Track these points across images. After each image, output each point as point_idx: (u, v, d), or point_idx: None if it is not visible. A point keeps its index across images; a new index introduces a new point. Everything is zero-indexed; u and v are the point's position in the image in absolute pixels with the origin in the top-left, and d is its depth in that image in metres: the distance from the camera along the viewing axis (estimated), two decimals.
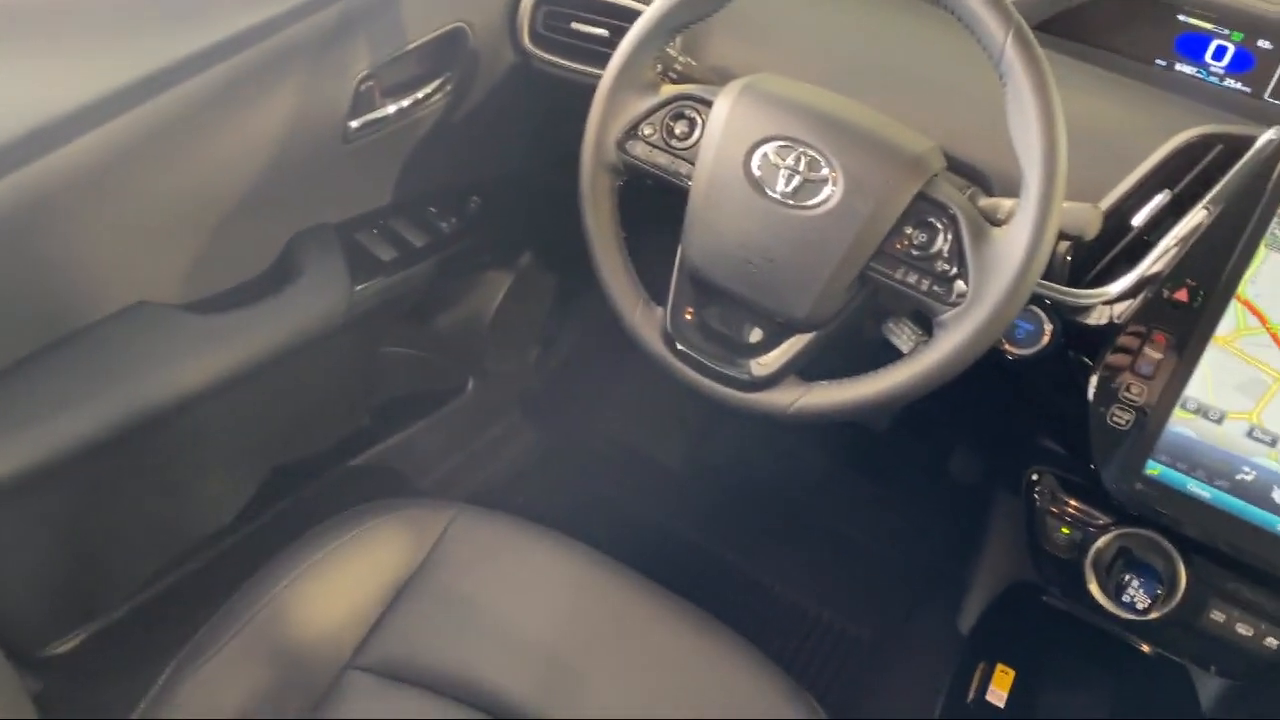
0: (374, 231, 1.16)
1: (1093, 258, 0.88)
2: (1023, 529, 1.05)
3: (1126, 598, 0.92)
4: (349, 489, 1.34)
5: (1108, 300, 0.86)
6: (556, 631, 0.93)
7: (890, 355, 0.81)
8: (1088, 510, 0.97)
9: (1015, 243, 0.73)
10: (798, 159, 0.79)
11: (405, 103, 1.06)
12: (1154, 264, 0.84)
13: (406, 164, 1.14)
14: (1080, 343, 0.89)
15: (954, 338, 0.76)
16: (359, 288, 1.10)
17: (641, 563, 0.99)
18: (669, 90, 0.88)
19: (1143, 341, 0.85)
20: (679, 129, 0.87)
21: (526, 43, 1.12)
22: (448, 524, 0.99)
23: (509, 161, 1.31)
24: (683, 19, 0.85)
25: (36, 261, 0.83)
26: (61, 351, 0.88)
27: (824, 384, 0.82)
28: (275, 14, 0.90)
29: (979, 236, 0.76)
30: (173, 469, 1.06)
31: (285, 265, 1.05)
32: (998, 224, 0.76)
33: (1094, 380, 0.87)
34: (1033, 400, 1.09)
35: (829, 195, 0.78)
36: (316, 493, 1.30)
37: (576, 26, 1.10)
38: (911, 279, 0.78)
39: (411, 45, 1.02)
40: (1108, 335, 0.86)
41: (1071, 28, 1.01)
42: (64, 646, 1.06)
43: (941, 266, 0.77)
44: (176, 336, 0.95)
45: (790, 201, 0.79)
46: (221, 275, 1.02)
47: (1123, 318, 0.86)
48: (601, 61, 0.90)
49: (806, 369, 0.84)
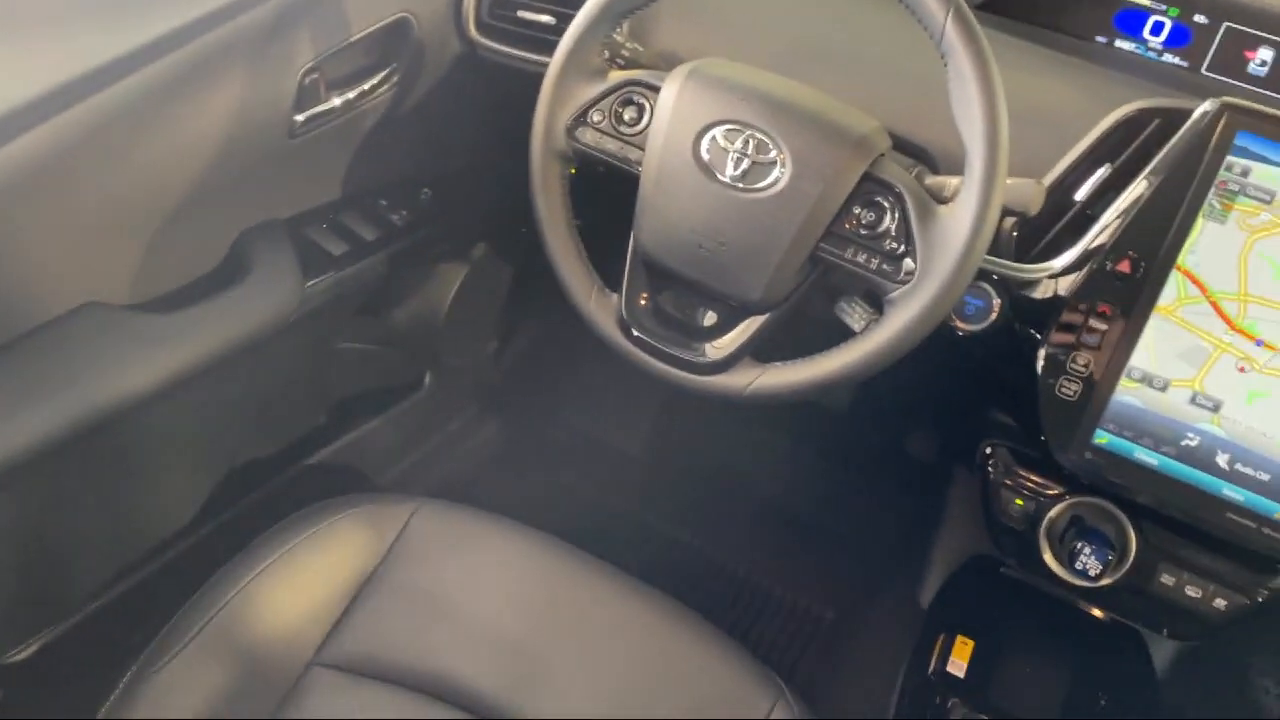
0: (324, 226, 1.16)
1: (1038, 233, 0.90)
2: (979, 503, 1.07)
3: (1079, 565, 0.94)
4: (307, 488, 1.33)
5: (1053, 274, 0.88)
6: (521, 622, 0.93)
7: (845, 335, 0.82)
8: (1040, 481, 0.99)
9: (960, 220, 0.74)
10: (746, 142, 0.79)
11: (351, 95, 1.05)
12: (1097, 237, 0.86)
13: (355, 157, 1.13)
14: (1028, 317, 0.90)
15: (904, 315, 0.77)
16: (310, 283, 1.09)
17: (606, 550, 0.99)
18: (617, 76, 0.88)
19: (1088, 314, 0.86)
20: (628, 115, 0.87)
21: (473, 32, 1.11)
22: (409, 518, 0.98)
23: (459, 152, 1.30)
24: (629, 4, 0.85)
25: None
26: (8, 356, 0.86)
27: (779, 365, 0.83)
28: (215, 8, 0.89)
29: (925, 215, 0.76)
30: (127, 472, 1.04)
31: (235, 262, 1.04)
32: (944, 202, 0.77)
33: (1042, 353, 0.89)
34: (984, 375, 1.11)
35: (778, 178, 0.78)
36: (274, 492, 1.29)
37: (523, 14, 1.09)
38: (861, 258, 0.79)
39: (355, 37, 1.01)
40: (1054, 308, 0.88)
41: (1012, 7, 1.02)
42: (22, 654, 1.04)
43: (890, 245, 0.78)
44: (125, 337, 0.94)
45: (740, 185, 0.80)
46: (170, 274, 1.00)
47: (1068, 291, 0.87)
48: (549, 49, 0.90)
49: (762, 351, 0.85)
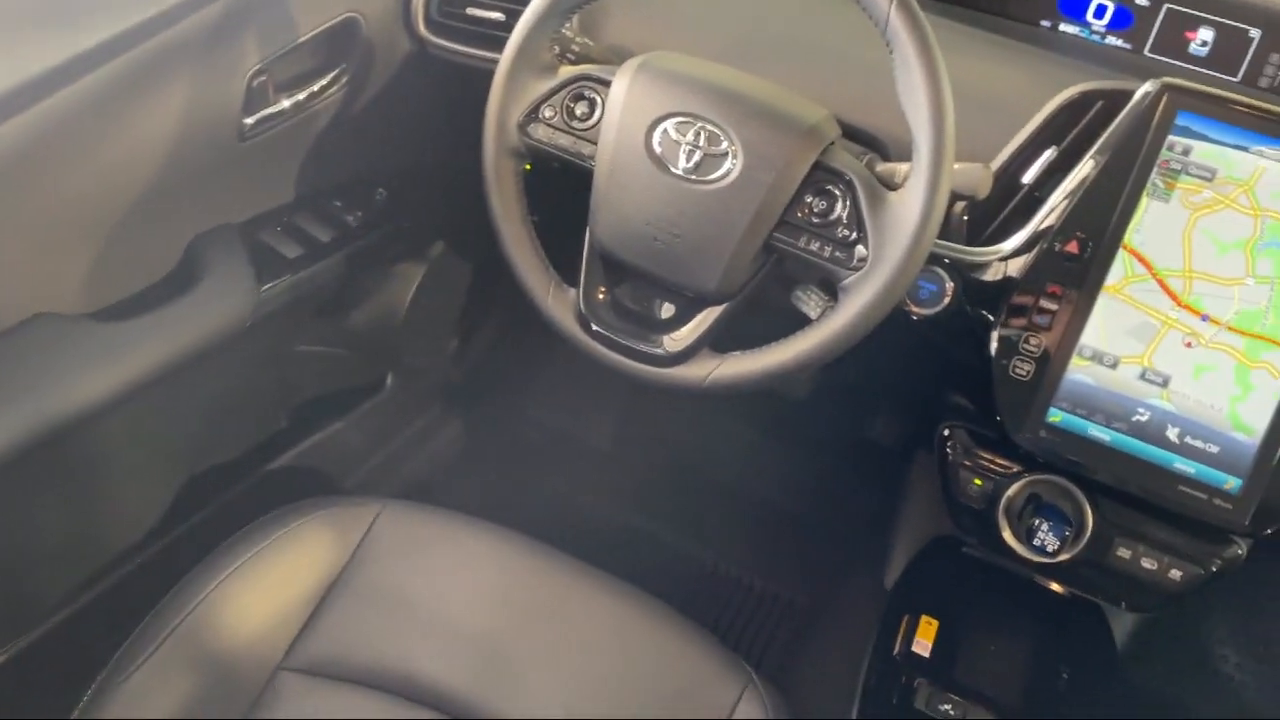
0: (278, 229, 1.14)
1: (988, 216, 0.91)
2: (940, 484, 1.08)
3: (1038, 542, 0.96)
4: (271, 493, 1.32)
5: (1003, 257, 0.89)
6: (490, 619, 0.93)
7: (803, 324, 0.83)
8: (998, 461, 1.00)
9: (910, 206, 0.75)
10: (697, 134, 0.80)
11: (301, 96, 1.04)
12: (1045, 219, 0.87)
13: (307, 158, 1.12)
14: (981, 299, 0.91)
15: (858, 301, 0.78)
16: (266, 287, 1.08)
17: (572, 545, 1.00)
18: (567, 71, 0.88)
19: (1038, 294, 0.88)
20: (579, 110, 0.87)
21: (422, 30, 1.11)
22: (374, 519, 0.98)
23: (413, 151, 1.30)
24: None
25: None
26: None
27: (737, 355, 0.84)
28: (158, 12, 0.88)
29: (876, 201, 0.77)
30: (86, 481, 1.03)
31: (188, 268, 1.03)
32: (894, 188, 0.78)
33: (995, 335, 0.90)
34: (940, 358, 1.12)
35: (730, 169, 0.79)
36: (238, 498, 1.28)
37: (472, 11, 1.09)
38: (814, 246, 0.80)
39: (303, 38, 1.00)
40: (1006, 290, 0.89)
41: None
42: None
43: (842, 232, 0.79)
44: (79, 347, 0.93)
45: (693, 177, 0.80)
46: (122, 282, 0.99)
47: (1019, 273, 0.89)
48: (499, 46, 0.90)
49: (720, 342, 0.85)
